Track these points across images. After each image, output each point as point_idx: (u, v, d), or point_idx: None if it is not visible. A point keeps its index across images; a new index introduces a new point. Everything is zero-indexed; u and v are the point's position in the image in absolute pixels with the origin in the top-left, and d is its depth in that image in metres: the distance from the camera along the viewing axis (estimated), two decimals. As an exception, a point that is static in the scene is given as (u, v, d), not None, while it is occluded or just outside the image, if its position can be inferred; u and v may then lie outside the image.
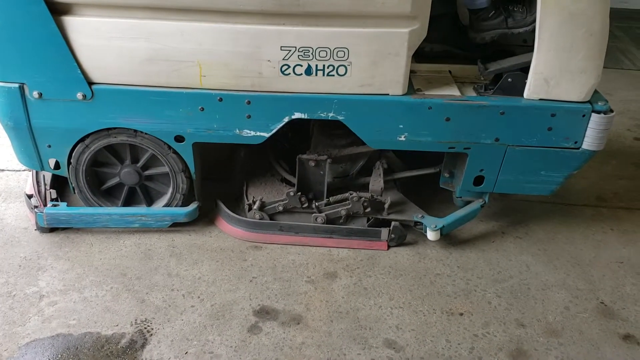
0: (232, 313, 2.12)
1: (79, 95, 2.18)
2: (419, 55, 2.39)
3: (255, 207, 2.45)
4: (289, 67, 2.12)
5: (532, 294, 2.28)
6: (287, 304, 2.17)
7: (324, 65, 2.12)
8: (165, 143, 2.32)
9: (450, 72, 2.41)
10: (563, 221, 2.73)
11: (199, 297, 2.19)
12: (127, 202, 2.54)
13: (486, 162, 2.32)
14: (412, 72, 2.38)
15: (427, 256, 2.45)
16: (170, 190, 2.46)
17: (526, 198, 2.83)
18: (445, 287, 2.29)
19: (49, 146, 2.32)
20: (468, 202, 2.52)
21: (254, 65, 2.13)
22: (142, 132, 2.29)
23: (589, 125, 2.20)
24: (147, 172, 2.45)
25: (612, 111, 2.19)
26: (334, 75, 2.14)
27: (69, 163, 2.37)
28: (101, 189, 2.49)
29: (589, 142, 2.22)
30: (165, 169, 2.40)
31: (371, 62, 2.12)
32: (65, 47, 2.10)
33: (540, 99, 2.18)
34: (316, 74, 2.14)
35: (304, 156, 2.39)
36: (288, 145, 2.70)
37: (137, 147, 2.38)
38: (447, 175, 2.53)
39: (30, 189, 2.54)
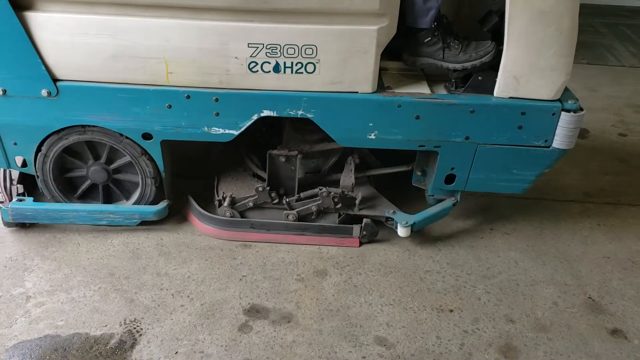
0: (222, 312, 2.11)
1: (44, 92, 2.15)
2: (392, 53, 2.37)
3: (225, 203, 2.42)
4: (257, 64, 2.10)
5: (521, 289, 2.28)
6: (278, 302, 2.16)
7: (292, 63, 2.10)
8: (137, 144, 2.30)
9: (423, 69, 2.39)
10: (550, 217, 2.74)
11: (188, 296, 2.17)
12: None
13: (457, 161, 2.31)
14: (383, 69, 2.36)
15: (417, 253, 2.45)
16: (139, 188, 2.44)
17: (513, 194, 2.82)
18: (435, 283, 2.29)
19: (15, 144, 2.29)
20: (441, 200, 2.51)
21: (222, 62, 2.10)
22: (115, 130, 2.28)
23: (559, 124, 2.19)
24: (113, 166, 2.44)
25: (582, 110, 2.18)
26: (302, 73, 2.12)
27: (35, 161, 2.34)
28: (64, 177, 2.46)
29: (559, 140, 2.21)
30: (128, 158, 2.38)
31: (340, 59, 2.09)
32: (29, 43, 2.06)
33: (510, 97, 2.17)
34: (284, 72, 2.11)
35: (274, 152, 2.37)
36: (263, 140, 2.68)
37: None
38: (419, 173, 2.52)
39: (-3, 185, 2.51)
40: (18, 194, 2.44)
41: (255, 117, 2.21)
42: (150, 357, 1.92)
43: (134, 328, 2.03)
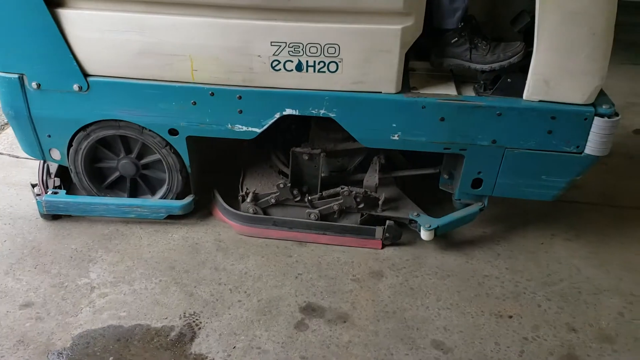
0: (279, 309, 2.13)
1: (75, 87, 2.22)
2: (422, 52, 2.33)
3: (248, 199, 2.44)
4: (280, 62, 2.10)
5: (584, 298, 2.22)
6: (333, 301, 2.17)
7: (314, 62, 2.09)
8: (161, 137, 2.35)
9: (452, 70, 2.33)
10: (614, 224, 2.64)
11: (245, 292, 2.20)
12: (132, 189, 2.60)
13: (484, 165, 2.24)
14: (411, 69, 2.33)
15: (475, 257, 2.41)
16: (167, 182, 2.49)
17: (575, 199, 2.77)
18: (493, 289, 2.25)
19: (49, 136, 2.38)
20: (468, 205, 2.45)
21: (245, 60, 2.11)
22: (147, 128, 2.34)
23: (592, 130, 2.09)
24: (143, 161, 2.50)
25: (617, 115, 2.08)
26: (325, 72, 2.11)
27: (68, 153, 2.42)
28: (93, 166, 2.53)
29: (592, 147, 2.11)
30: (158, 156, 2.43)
31: (363, 59, 2.07)
32: (61, 39, 2.14)
33: (540, 101, 2.09)
34: (307, 70, 2.11)
35: (298, 149, 2.37)
36: (290, 137, 2.68)
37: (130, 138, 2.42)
38: (446, 176, 2.46)
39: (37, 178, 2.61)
40: (54, 187, 2.53)
41: (277, 116, 2.21)
42: (209, 351, 1.95)
43: (194, 321, 2.06)
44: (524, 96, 2.10)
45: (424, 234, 2.34)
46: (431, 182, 2.57)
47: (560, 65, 2.01)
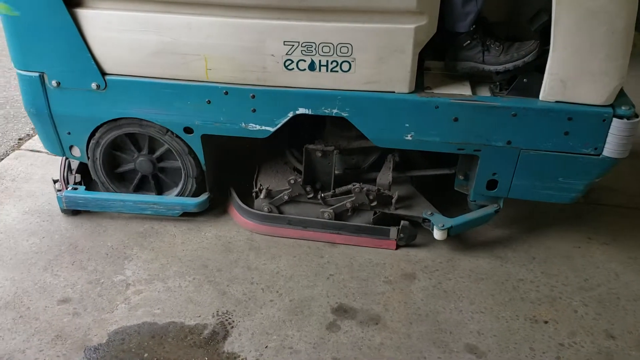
0: (311, 309, 2.13)
1: (94, 85, 2.27)
2: (438, 52, 2.31)
3: (261, 195, 2.45)
4: (293, 62, 2.11)
5: (622, 304, 2.17)
6: (365, 303, 2.16)
7: (327, 61, 2.09)
8: (175, 134, 2.38)
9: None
10: None
11: (277, 291, 2.21)
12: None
13: (498, 166, 2.21)
14: (426, 69, 2.31)
15: (509, 261, 2.39)
16: (182, 179, 2.52)
17: (611, 202, 2.72)
18: (528, 293, 2.22)
19: (69, 133, 2.43)
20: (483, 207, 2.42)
21: (259, 59, 2.12)
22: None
23: (610, 131, 2.04)
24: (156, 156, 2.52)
25: (637, 116, 2.03)
26: (337, 71, 2.10)
27: (87, 150, 2.47)
28: (115, 172, 2.59)
29: (610, 148, 2.07)
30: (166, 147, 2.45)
31: (376, 58, 2.06)
32: (80, 38, 2.18)
33: (557, 101, 2.05)
34: (320, 70, 2.11)
35: (311, 146, 2.37)
36: (305, 134, 2.68)
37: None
38: (461, 177, 2.43)
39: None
40: (75, 183, 2.58)
41: (290, 115, 2.22)
42: (242, 350, 1.96)
43: (226, 320, 2.08)
44: (540, 96, 2.06)
45: (437, 234, 2.31)
46: (451, 182, 2.54)
47: (578, 65, 1.97)
